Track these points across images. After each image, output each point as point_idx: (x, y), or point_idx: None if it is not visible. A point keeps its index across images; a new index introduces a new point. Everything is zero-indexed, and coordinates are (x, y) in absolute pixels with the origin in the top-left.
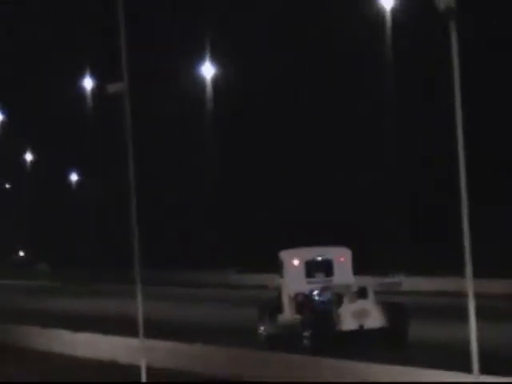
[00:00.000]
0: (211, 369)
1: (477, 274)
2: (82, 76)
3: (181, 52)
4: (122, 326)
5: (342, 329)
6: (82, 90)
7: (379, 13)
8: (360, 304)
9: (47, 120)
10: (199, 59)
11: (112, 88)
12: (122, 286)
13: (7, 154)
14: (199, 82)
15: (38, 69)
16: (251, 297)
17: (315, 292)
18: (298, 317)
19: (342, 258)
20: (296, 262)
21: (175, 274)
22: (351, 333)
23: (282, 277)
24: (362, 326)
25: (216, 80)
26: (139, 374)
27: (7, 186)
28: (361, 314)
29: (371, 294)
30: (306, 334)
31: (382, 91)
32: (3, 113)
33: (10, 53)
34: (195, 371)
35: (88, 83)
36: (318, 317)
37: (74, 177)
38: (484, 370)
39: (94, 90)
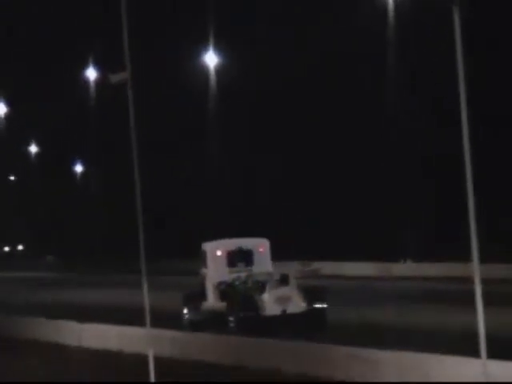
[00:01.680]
0: (218, 357)
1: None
2: (84, 66)
3: (184, 40)
4: (131, 315)
5: (266, 314)
6: (85, 80)
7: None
8: (282, 290)
9: (51, 111)
10: (203, 48)
11: (115, 78)
12: (131, 276)
13: (12, 145)
14: (202, 71)
15: (41, 60)
16: None
17: (237, 280)
18: (222, 304)
19: (261, 248)
20: (218, 253)
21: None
22: (275, 317)
23: (205, 266)
24: (284, 311)
25: (220, 69)
26: (146, 364)
27: (12, 177)
28: (283, 300)
29: (293, 281)
30: (231, 319)
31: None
32: (7, 105)
33: (13, 44)
34: (202, 360)
35: (91, 73)
36: (241, 303)
37: (78, 168)
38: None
39: (97, 81)
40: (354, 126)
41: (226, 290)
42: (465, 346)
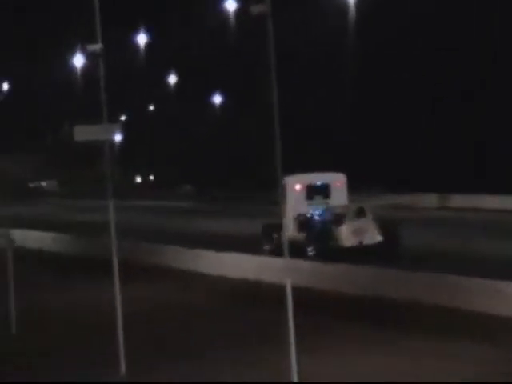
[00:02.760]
0: (355, 289)
1: None
2: None
3: None
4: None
5: (344, 245)
6: (224, 11)
7: None
8: (359, 222)
9: (190, 42)
10: None
11: (256, 9)
12: (264, 207)
13: (151, 76)
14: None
15: None
16: None
17: (316, 212)
18: (301, 235)
19: (338, 182)
20: (298, 187)
21: None
22: (351, 248)
23: (284, 199)
24: (361, 242)
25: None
26: (283, 294)
27: (151, 107)
28: (360, 232)
29: (368, 214)
30: (309, 249)
31: None
32: (148, 36)
33: None
34: (339, 291)
35: (231, 5)
36: (320, 234)
37: (217, 99)
38: None
39: (237, 12)
40: None
41: (304, 222)
42: None
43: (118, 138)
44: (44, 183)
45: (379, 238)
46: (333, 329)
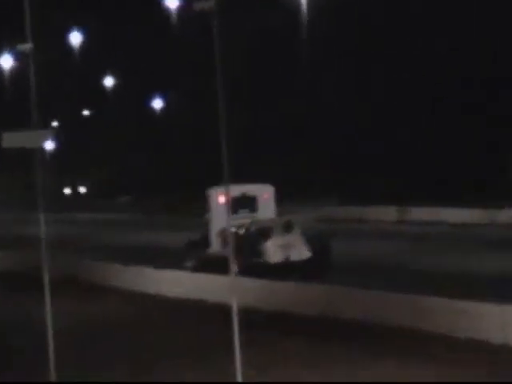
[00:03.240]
0: (303, 308)
1: None
2: None
3: None
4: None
5: (269, 261)
6: (166, 9)
7: None
8: (286, 237)
9: (128, 42)
10: None
11: (199, 5)
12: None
13: (87, 78)
14: None
15: None
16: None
17: (240, 227)
18: (225, 250)
19: (265, 194)
20: (221, 199)
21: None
22: (278, 264)
23: (208, 213)
24: (288, 258)
25: None
26: (229, 314)
27: (86, 112)
28: (287, 247)
29: (296, 228)
30: (232, 266)
31: None
32: (82, 34)
33: None
34: (288, 310)
35: (173, 2)
36: (244, 250)
37: (157, 103)
38: None
39: (180, 9)
40: None
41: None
42: None
43: (49, 145)
44: None
45: (307, 254)
46: (278, 346)
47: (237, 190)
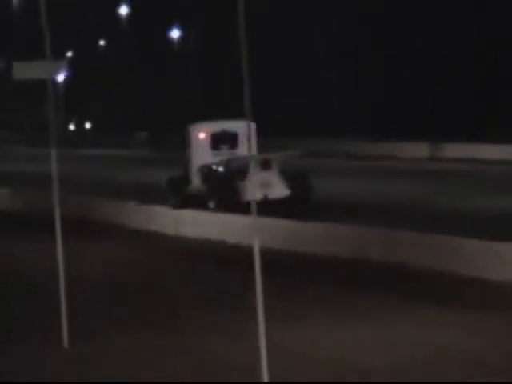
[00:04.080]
0: (332, 250)
1: None
2: None
3: None
4: None
5: (247, 198)
6: None
7: None
8: (264, 175)
9: None
10: None
11: None
12: None
13: (101, 7)
14: None
15: None
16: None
17: (219, 163)
18: (204, 187)
19: (246, 131)
20: (202, 136)
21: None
22: (255, 202)
23: (189, 150)
24: (266, 196)
25: None
26: (250, 254)
27: (102, 42)
28: (265, 185)
29: (275, 166)
30: (210, 203)
31: None
32: None
33: None
34: (315, 252)
35: None
36: (221, 187)
37: (175, 33)
38: None
39: None
40: None
41: (207, 174)
42: None
43: (61, 76)
44: None
45: (286, 192)
46: (307, 294)
47: (217, 126)
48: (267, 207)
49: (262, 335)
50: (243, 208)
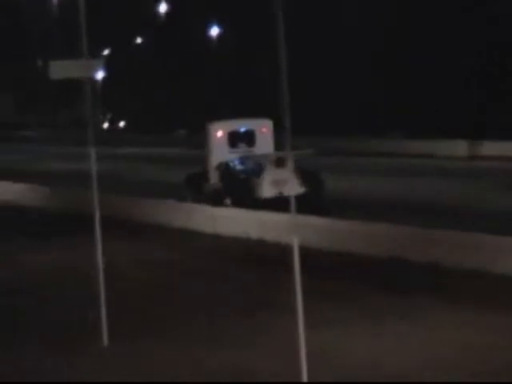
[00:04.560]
0: (369, 249)
1: None
2: None
3: None
4: None
5: (262, 196)
6: None
7: None
8: (279, 173)
9: None
10: None
11: None
12: None
13: (137, 3)
14: None
15: None
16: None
17: (235, 161)
18: (221, 184)
19: (264, 128)
20: (220, 133)
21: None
22: (270, 200)
23: (207, 147)
24: (280, 193)
25: None
26: (290, 253)
27: (139, 40)
28: (279, 183)
29: (289, 164)
30: (226, 200)
31: None
32: None
33: None
34: (353, 251)
35: None
36: (237, 184)
37: (214, 31)
38: None
39: None
40: None
41: (224, 171)
42: None
43: (99, 75)
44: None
45: (300, 190)
46: (345, 296)
47: (235, 124)
48: (282, 205)
49: (302, 337)
50: (259, 206)
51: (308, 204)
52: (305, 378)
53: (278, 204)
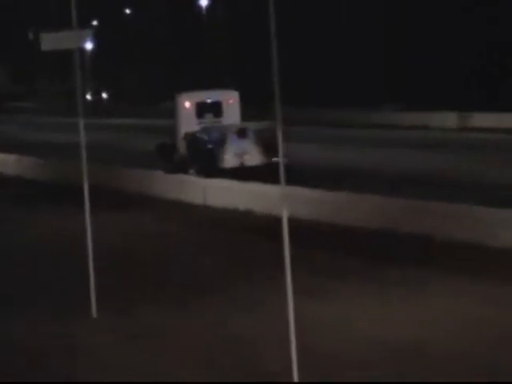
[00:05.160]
0: (356, 220)
1: None
2: None
3: None
4: None
5: (224, 166)
6: None
7: None
8: (240, 143)
9: None
10: None
11: None
12: None
13: None
14: None
15: None
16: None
17: (201, 132)
18: (187, 154)
19: (231, 100)
20: (187, 104)
21: (320, 112)
22: (232, 169)
23: (176, 118)
24: (242, 164)
25: None
26: (278, 225)
27: (128, 11)
28: (241, 153)
29: (251, 135)
30: (191, 169)
31: None
32: None
33: None
34: (339, 222)
35: None
36: (201, 154)
37: (203, 1)
38: None
39: None
40: None
41: (190, 141)
42: None
43: (89, 45)
44: None
45: (261, 160)
46: (333, 266)
47: (202, 95)
48: (245, 175)
49: (291, 308)
50: (224, 175)
51: (268, 174)
52: (293, 349)
53: (242, 174)
